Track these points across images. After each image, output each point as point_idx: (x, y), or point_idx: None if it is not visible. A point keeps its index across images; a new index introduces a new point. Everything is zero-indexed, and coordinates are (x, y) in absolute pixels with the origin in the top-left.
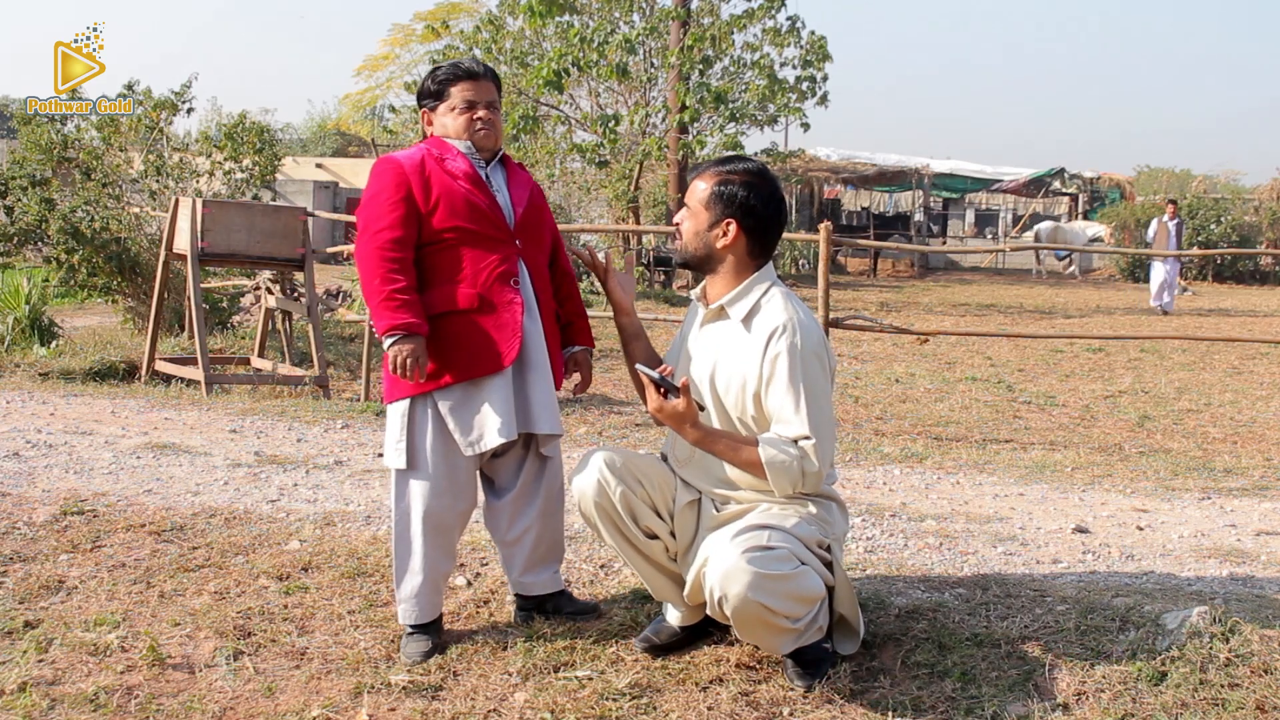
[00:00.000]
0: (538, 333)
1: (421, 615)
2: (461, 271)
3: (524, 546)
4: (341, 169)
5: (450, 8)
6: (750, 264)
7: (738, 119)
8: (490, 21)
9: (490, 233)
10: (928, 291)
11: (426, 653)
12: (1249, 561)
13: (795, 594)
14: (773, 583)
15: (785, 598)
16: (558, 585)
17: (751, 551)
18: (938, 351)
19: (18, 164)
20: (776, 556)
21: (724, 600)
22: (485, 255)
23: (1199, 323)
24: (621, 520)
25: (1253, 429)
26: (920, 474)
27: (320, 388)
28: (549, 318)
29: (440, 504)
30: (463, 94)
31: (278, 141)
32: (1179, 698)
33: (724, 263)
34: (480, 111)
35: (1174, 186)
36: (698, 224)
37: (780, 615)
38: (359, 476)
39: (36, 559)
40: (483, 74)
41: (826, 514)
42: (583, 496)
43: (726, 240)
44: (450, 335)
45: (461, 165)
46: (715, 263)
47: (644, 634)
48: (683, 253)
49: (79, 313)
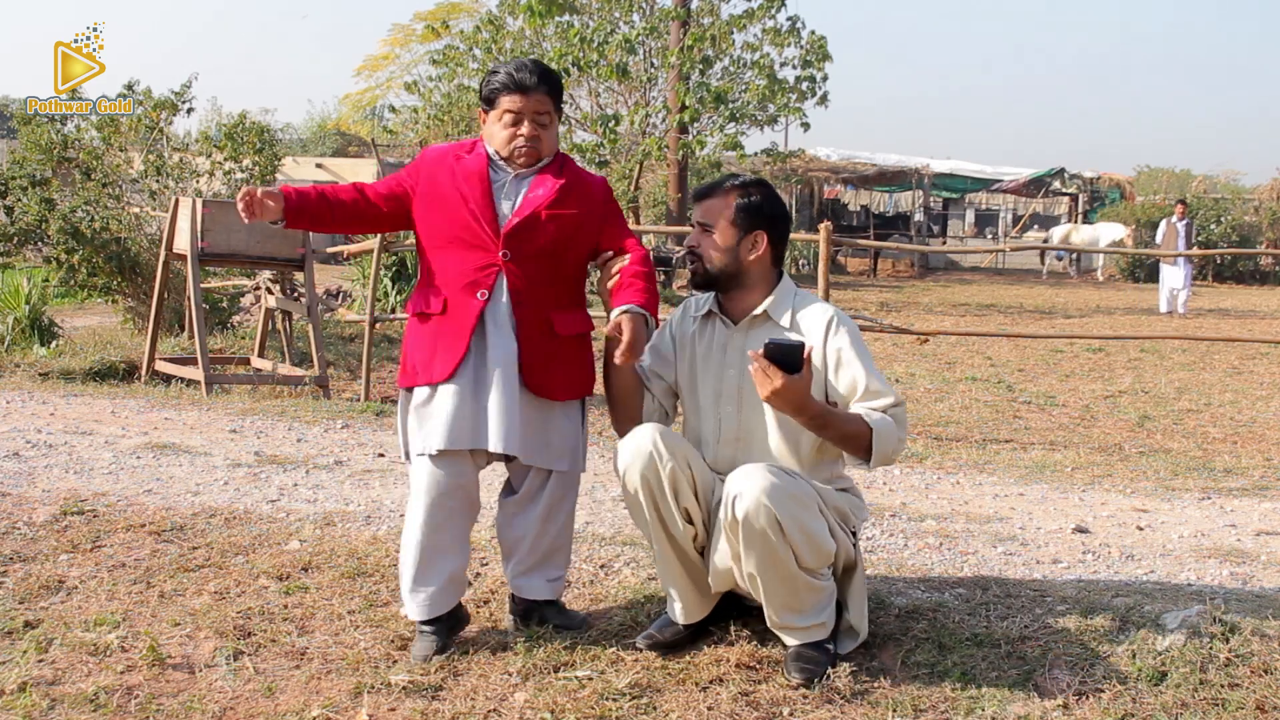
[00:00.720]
0: (503, 347)
1: (421, 610)
2: (439, 276)
3: (521, 548)
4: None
5: (450, 8)
6: (774, 272)
7: (738, 119)
8: (490, 21)
9: (469, 239)
10: (928, 291)
11: (433, 650)
12: (1249, 561)
13: (808, 529)
14: (791, 501)
15: (798, 526)
16: (549, 594)
17: (779, 473)
18: (938, 351)
19: (18, 164)
20: (801, 489)
21: (738, 500)
22: (462, 262)
23: (1199, 323)
24: (664, 496)
25: (1253, 429)
26: (920, 474)
27: (320, 388)
28: (534, 332)
29: (432, 496)
30: (510, 106)
31: (278, 141)
32: (1179, 698)
33: (751, 275)
34: (524, 128)
35: (1174, 186)
36: (726, 240)
37: (788, 541)
38: (359, 476)
39: (36, 559)
40: (535, 86)
41: (858, 500)
42: (630, 466)
43: (758, 252)
44: (417, 336)
45: (474, 165)
46: (744, 276)
47: (648, 631)
48: (710, 271)
49: (79, 313)
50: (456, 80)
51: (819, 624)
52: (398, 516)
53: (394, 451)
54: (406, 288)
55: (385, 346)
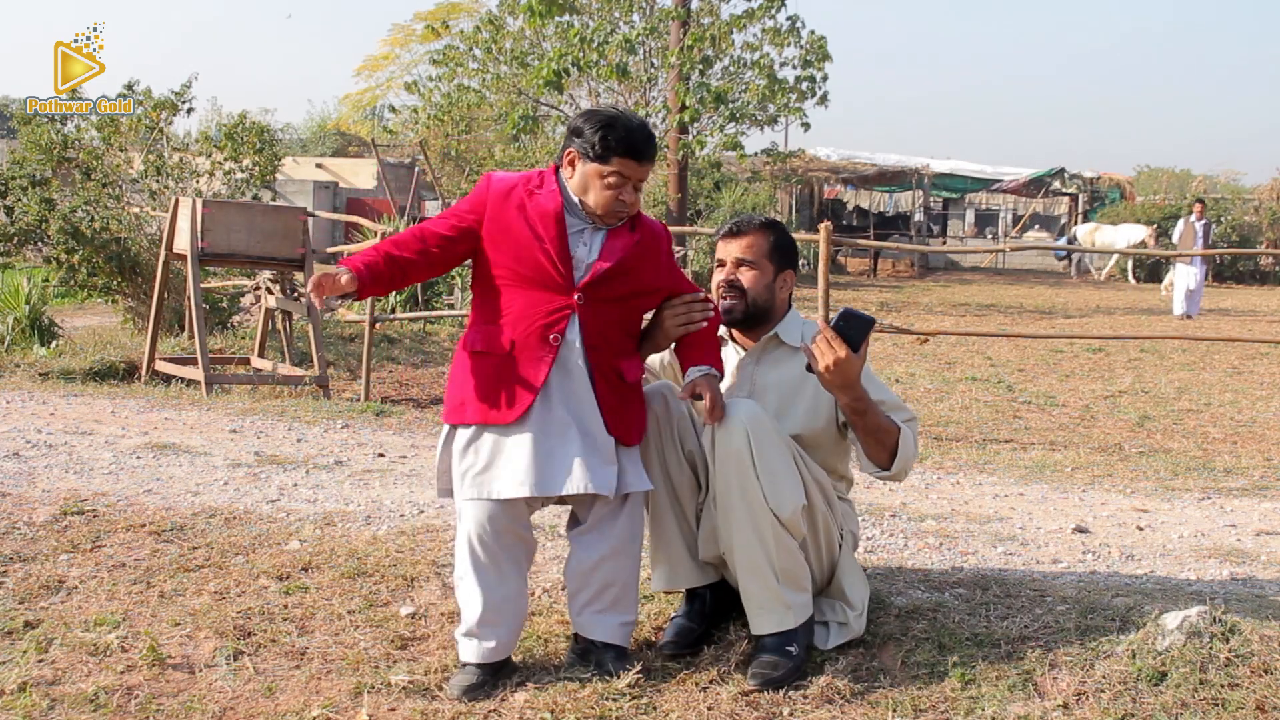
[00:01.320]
0: (578, 392)
1: (479, 655)
2: (505, 315)
3: (590, 585)
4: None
5: (450, 8)
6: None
7: (738, 119)
8: (490, 21)
9: (541, 280)
10: (928, 291)
11: (470, 687)
12: (1249, 561)
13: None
14: (769, 435)
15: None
16: (618, 639)
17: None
18: (938, 351)
19: (18, 164)
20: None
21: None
22: (535, 305)
23: (1199, 323)
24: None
25: (1253, 429)
26: (920, 474)
27: (320, 388)
28: (608, 377)
29: (494, 541)
30: (622, 169)
31: (278, 141)
32: (1179, 698)
33: (779, 310)
34: (627, 194)
35: (1174, 186)
36: (765, 277)
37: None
38: (359, 476)
39: (36, 559)
40: (649, 156)
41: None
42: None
43: (788, 287)
44: (479, 374)
45: (549, 205)
46: (774, 311)
47: (666, 639)
48: (752, 307)
49: (79, 313)
50: (456, 80)
51: (786, 605)
52: (398, 517)
53: (394, 452)
54: (406, 288)
55: (385, 347)
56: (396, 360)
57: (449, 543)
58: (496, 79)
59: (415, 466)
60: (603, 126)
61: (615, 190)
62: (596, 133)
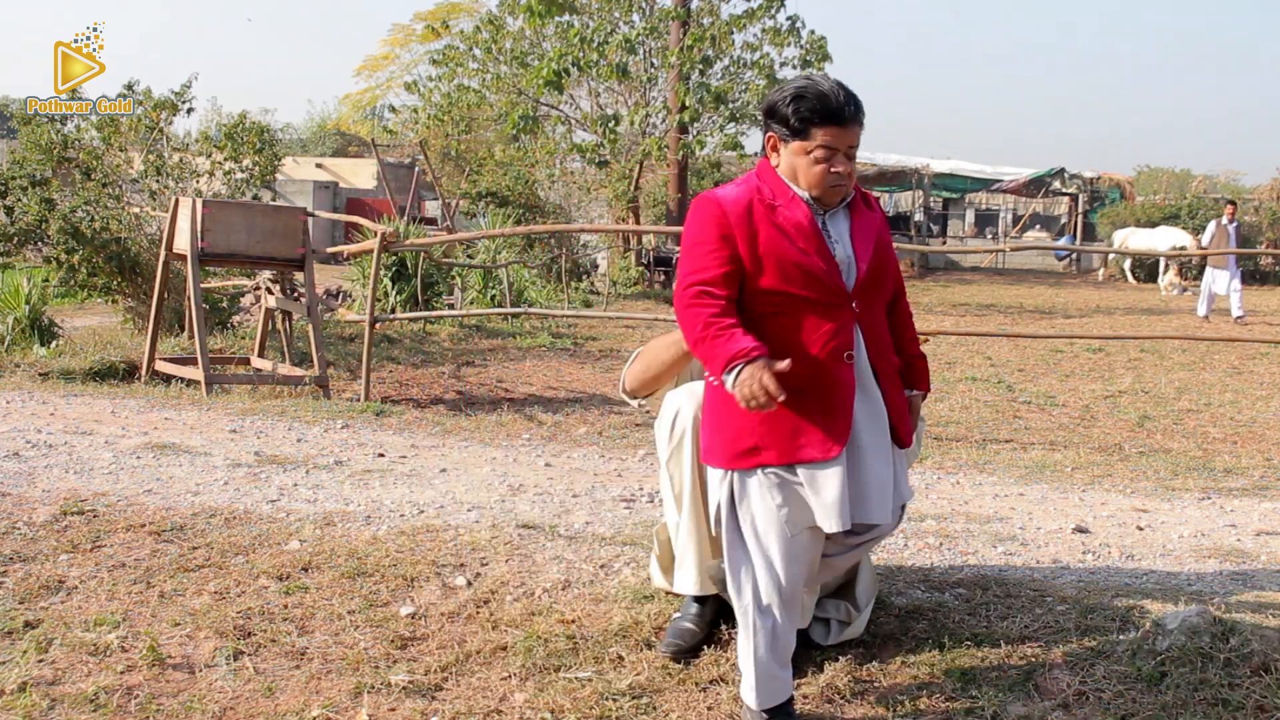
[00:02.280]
0: (872, 411)
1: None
2: (788, 344)
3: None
4: (341, 169)
5: (450, 8)
6: None
7: (738, 119)
8: (490, 21)
9: (824, 299)
10: (928, 291)
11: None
12: (1249, 561)
13: None
14: None
15: None
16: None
17: None
18: (938, 351)
19: (18, 164)
20: None
21: None
22: (817, 326)
23: (1199, 323)
24: None
25: (1253, 429)
26: (920, 474)
27: (320, 388)
28: (889, 381)
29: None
30: (826, 140)
31: (278, 141)
32: (1179, 698)
33: None
34: (839, 165)
35: (1174, 186)
36: None
37: None
38: (359, 476)
39: (36, 559)
40: (851, 117)
41: None
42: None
43: None
44: (774, 413)
45: (796, 216)
46: None
47: (669, 640)
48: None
49: (79, 313)
50: (456, 80)
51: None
52: (398, 517)
53: (394, 452)
54: (406, 287)
55: (385, 347)
56: (396, 360)
57: (449, 543)
58: (496, 79)
59: (415, 466)
60: (793, 99)
61: (825, 164)
62: (788, 107)
